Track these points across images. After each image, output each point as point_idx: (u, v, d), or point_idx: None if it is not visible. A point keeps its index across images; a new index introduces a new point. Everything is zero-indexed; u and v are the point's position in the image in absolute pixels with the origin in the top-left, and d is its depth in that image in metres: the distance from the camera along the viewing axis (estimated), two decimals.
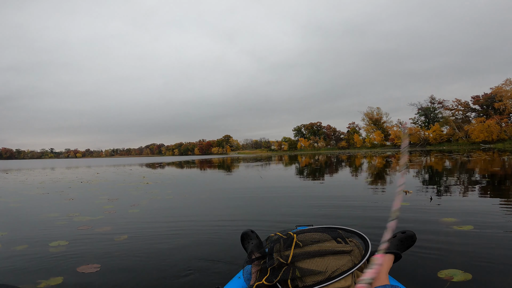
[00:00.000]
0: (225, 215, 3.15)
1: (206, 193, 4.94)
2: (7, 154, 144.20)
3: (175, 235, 2.46)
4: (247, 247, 1.50)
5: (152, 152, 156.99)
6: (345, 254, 1.03)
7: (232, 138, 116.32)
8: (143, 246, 2.19)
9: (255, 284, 1.03)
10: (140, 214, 3.30)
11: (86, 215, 3.34)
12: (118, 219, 3.07)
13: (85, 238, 2.45)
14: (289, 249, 1.05)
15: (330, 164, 13.35)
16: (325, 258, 0.99)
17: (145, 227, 2.75)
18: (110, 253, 2.07)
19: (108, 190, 5.81)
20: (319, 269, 0.97)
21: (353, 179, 6.55)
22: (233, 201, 4.11)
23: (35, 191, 5.84)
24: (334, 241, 1.08)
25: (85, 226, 2.83)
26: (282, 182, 6.42)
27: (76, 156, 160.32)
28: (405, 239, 1.35)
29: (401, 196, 1.08)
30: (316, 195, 4.32)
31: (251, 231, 1.56)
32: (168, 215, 3.25)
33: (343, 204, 3.47)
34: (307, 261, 0.99)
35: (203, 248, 2.08)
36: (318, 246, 1.05)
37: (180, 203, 4.04)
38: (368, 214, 2.92)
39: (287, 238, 1.10)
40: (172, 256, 1.96)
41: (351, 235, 1.17)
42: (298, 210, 3.33)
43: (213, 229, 2.60)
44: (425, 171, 7.70)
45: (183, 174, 10.12)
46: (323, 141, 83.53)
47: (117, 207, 3.77)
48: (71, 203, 4.26)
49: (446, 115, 58.40)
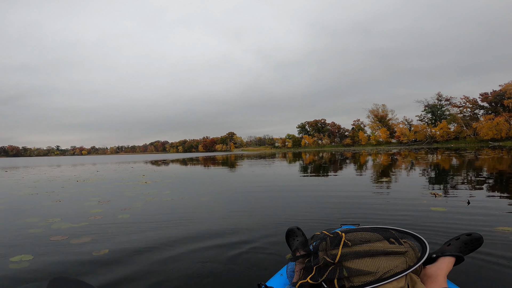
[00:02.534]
0: (228, 223, 2.69)
1: (207, 195, 4.48)
2: (14, 152, 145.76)
3: (165, 248, 2.01)
4: (291, 244, 1.43)
5: (156, 149, 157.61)
6: (399, 255, 0.97)
7: (236, 135, 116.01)
8: (126, 263, 1.76)
9: (299, 282, 1.00)
10: (129, 221, 2.86)
11: (67, 221, 2.92)
12: (102, 227, 2.64)
13: (55, 252, 2.01)
14: (337, 248, 1.00)
15: (344, 161, 12.84)
16: (376, 259, 0.94)
17: (132, 238, 2.31)
18: (82, 272, 1.65)
19: (102, 190, 5.40)
20: (369, 270, 0.92)
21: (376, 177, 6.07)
22: (237, 203, 3.65)
23: (25, 191, 5.45)
24: (387, 242, 1.02)
25: (60, 236, 2.39)
26: (293, 180, 5.96)
27: (81, 154, 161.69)
28: (470, 241, 1.19)
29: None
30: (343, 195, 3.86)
31: (297, 228, 1.48)
32: (161, 222, 2.80)
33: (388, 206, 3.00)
34: (356, 261, 0.95)
35: (195, 268, 1.63)
36: (369, 246, 0.99)
37: (177, 206, 3.60)
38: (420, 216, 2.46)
39: (335, 237, 1.05)
40: (158, 274, 1.52)
41: (405, 236, 1.10)
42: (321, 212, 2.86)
43: (210, 242, 2.15)
44: (441, 170, 7.17)
45: (184, 172, 9.69)
46: (328, 138, 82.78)
47: (106, 212, 3.34)
48: (56, 206, 3.84)
49: (453, 112, 57.36)
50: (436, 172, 6.71)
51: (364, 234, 1.06)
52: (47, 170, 13.77)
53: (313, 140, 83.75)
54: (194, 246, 2.05)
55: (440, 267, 1.06)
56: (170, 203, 3.78)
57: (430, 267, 1.08)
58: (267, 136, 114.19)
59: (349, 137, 76.00)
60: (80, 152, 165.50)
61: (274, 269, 1.53)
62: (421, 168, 7.98)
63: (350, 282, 0.92)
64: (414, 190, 4.19)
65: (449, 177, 5.70)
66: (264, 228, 2.46)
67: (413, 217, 2.60)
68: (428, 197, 3.61)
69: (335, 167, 9.42)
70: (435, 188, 4.23)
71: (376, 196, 3.78)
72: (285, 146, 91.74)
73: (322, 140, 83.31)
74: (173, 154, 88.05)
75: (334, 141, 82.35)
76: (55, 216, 3.15)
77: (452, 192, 3.83)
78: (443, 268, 1.06)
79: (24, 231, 2.57)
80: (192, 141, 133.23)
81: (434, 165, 8.85)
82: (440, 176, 5.87)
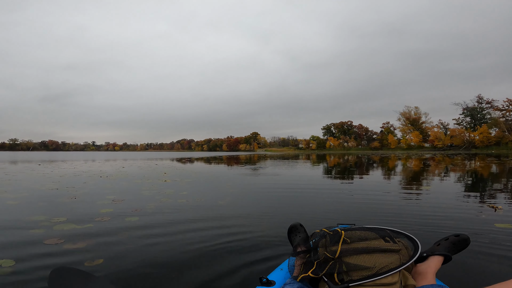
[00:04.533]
0: (244, 232, 2.32)
1: (227, 197, 4.15)
2: (53, 146, 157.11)
3: (167, 262, 1.69)
4: (293, 240, 1.47)
5: (182, 147, 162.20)
6: (393, 253, 1.01)
7: (259, 135, 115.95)
8: (117, 279, 1.46)
9: (300, 276, 1.06)
10: (135, 225, 2.59)
11: (73, 221, 2.71)
12: (104, 232, 2.38)
13: (41, 258, 1.77)
14: (337, 244, 1.04)
15: (378, 166, 12.02)
16: (373, 255, 0.99)
17: (134, 247, 2.01)
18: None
19: (120, 188, 5.29)
20: (367, 265, 0.96)
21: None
22: (257, 207, 3.27)
23: (47, 186, 5.48)
24: (382, 240, 1.07)
25: (56, 238, 2.16)
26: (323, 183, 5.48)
27: (114, 149, 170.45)
28: (458, 242, 1.26)
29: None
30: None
31: (300, 224, 1.51)
32: (170, 227, 2.50)
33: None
34: (354, 257, 0.99)
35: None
36: (366, 244, 1.04)
37: (192, 210, 3.30)
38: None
39: (334, 234, 1.09)
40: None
41: (399, 235, 1.15)
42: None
43: (223, 251, 1.80)
44: (489, 178, 6.29)
45: (205, 172, 9.51)
46: (354, 141, 79.99)
47: (115, 212, 3.11)
48: (69, 203, 3.70)
49: (495, 116, 52.86)
50: (485, 181, 5.87)
51: (362, 233, 1.09)
52: (78, 164, 14.32)
53: (338, 143, 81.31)
54: (199, 273, 1.70)
55: (429, 265, 1.12)
56: (184, 206, 3.48)
57: (421, 265, 1.13)
58: (291, 137, 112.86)
59: (378, 140, 72.75)
60: (113, 148, 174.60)
61: (274, 264, 1.61)
62: (466, 175, 7.10)
63: (349, 276, 0.97)
64: (466, 201, 3.56)
65: (503, 186, 4.91)
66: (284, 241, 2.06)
67: (480, 237, 2.09)
68: (487, 210, 3.02)
69: (373, 172, 8.73)
70: (491, 200, 3.58)
71: (423, 208, 3.21)
72: (309, 147, 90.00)
73: (348, 143, 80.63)
74: (198, 152, 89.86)
75: (361, 144, 79.34)
76: (62, 215, 2.97)
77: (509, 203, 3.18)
78: (433, 266, 1.12)
79: (23, 232, 2.38)
80: (216, 140, 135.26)
81: (479, 172, 7.88)
82: (490, 186, 5.08)
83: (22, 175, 8.13)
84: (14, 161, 19.29)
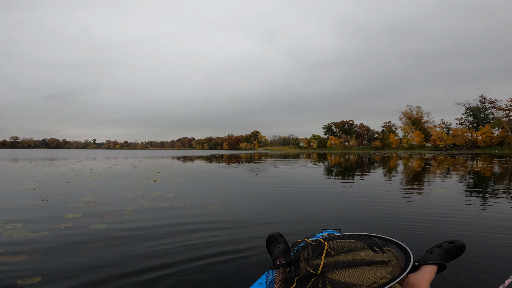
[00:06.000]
0: (226, 253, 1.94)
1: (217, 201, 3.73)
2: (54, 144, 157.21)
3: (122, 286, 1.32)
4: (272, 251, 1.32)
5: (183, 145, 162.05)
6: (382, 265, 0.92)
7: (260, 134, 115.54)
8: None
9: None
10: (98, 235, 2.21)
11: (29, 227, 2.35)
12: (58, 242, 2.01)
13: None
14: (319, 257, 0.95)
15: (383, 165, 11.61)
16: (360, 269, 0.89)
17: (84, 263, 1.64)
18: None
19: (103, 188, 4.92)
20: (353, 282, 0.86)
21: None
22: (249, 214, 2.88)
23: (25, 186, 5.11)
24: (370, 250, 0.98)
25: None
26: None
27: (115, 147, 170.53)
28: (453, 249, 1.13)
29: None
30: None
31: (279, 234, 1.37)
32: (138, 242, 2.11)
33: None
34: (339, 272, 0.89)
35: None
36: (352, 256, 0.95)
37: (173, 217, 2.91)
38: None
39: (317, 245, 1.00)
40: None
41: (388, 244, 1.05)
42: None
43: (194, 271, 1.42)
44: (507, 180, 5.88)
45: (202, 171, 9.13)
46: (355, 140, 79.47)
47: (83, 218, 2.74)
48: (36, 206, 3.33)
49: (498, 115, 52.22)
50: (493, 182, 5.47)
51: (347, 242, 1.00)
52: (72, 162, 13.98)
53: (339, 142, 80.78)
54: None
55: (422, 276, 1.01)
56: (165, 212, 3.10)
57: (413, 276, 1.02)
58: (292, 136, 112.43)
59: (379, 140, 72.18)
60: (114, 146, 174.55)
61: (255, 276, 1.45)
62: (485, 177, 6.70)
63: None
64: (496, 205, 3.17)
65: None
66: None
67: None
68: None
69: (372, 171, 8.33)
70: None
71: (422, 210, 2.82)
72: (310, 146, 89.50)
73: (349, 142, 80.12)
74: (198, 151, 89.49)
75: (362, 143, 78.80)
76: (22, 219, 2.61)
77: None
78: (426, 278, 1.01)
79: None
80: (217, 138, 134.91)
81: (485, 173, 7.47)
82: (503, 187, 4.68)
83: (7, 173, 7.78)
84: (10, 158, 18.98)
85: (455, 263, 1.20)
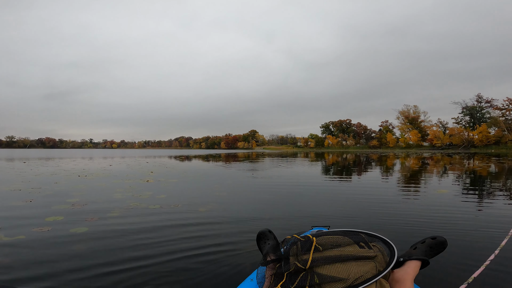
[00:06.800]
0: (215, 260, 1.81)
1: (210, 203, 3.58)
2: (50, 143, 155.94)
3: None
4: (262, 248, 1.33)
5: (180, 144, 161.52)
6: (368, 260, 0.95)
7: (258, 133, 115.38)
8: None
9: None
10: (76, 239, 2.07)
11: (6, 231, 2.25)
12: (32, 247, 1.87)
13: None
14: (308, 253, 0.98)
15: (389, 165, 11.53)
16: (347, 264, 0.92)
17: (59, 269, 1.50)
18: None
19: (92, 189, 4.77)
20: (340, 276, 0.89)
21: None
22: (244, 218, 2.76)
23: (12, 186, 4.95)
24: (357, 246, 1.01)
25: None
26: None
27: (112, 147, 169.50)
28: (435, 245, 1.15)
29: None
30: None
31: (268, 230, 1.38)
32: (115, 254, 1.98)
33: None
34: (327, 266, 0.93)
35: None
36: (339, 251, 0.97)
37: (160, 221, 2.78)
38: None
39: (306, 241, 1.03)
40: None
41: (374, 239, 1.09)
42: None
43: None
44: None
45: (197, 170, 8.99)
46: (353, 139, 79.59)
47: (64, 221, 2.60)
48: (19, 208, 3.19)
49: (495, 115, 52.46)
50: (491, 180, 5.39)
51: (335, 238, 1.03)
52: (66, 162, 13.78)
53: (337, 141, 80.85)
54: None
55: (407, 271, 1.04)
56: (154, 215, 2.96)
57: (398, 271, 1.04)
58: (290, 135, 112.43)
59: (376, 139, 72.32)
60: (110, 145, 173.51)
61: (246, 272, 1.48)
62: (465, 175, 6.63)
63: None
64: (488, 203, 3.08)
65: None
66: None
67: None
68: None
69: (367, 170, 8.24)
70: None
71: (415, 207, 2.72)
72: (307, 146, 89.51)
73: (346, 141, 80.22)
74: (195, 150, 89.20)
75: (359, 142, 78.93)
76: (0, 222, 2.46)
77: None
78: (410, 273, 1.03)
79: None
80: (215, 138, 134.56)
81: (482, 172, 7.40)
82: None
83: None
84: (4, 158, 18.71)
85: (437, 259, 1.23)
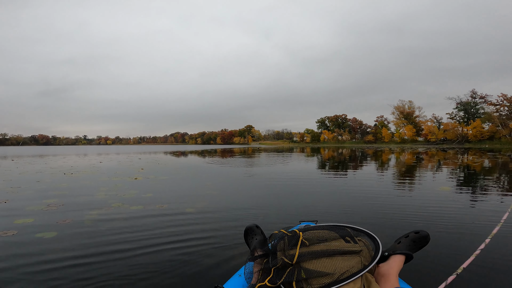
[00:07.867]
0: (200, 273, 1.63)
1: (200, 202, 3.37)
2: (44, 140, 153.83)
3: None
4: (250, 243, 1.34)
5: (176, 140, 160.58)
6: (354, 255, 0.97)
7: (254, 128, 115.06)
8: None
9: (257, 285, 0.97)
10: (43, 245, 1.88)
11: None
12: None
13: None
14: (295, 248, 0.99)
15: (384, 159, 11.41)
16: (333, 259, 0.94)
17: (15, 277, 1.31)
18: None
19: (75, 187, 4.55)
20: (326, 271, 0.91)
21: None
22: (231, 217, 2.57)
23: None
24: (343, 240, 1.02)
25: None
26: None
27: (106, 143, 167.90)
28: (418, 239, 1.17)
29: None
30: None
31: (256, 226, 1.39)
32: (87, 258, 1.79)
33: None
34: (313, 261, 0.94)
35: None
36: (326, 246, 0.99)
37: (143, 224, 2.59)
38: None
39: (292, 236, 1.04)
40: None
41: (360, 234, 1.10)
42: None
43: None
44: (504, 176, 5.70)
45: (190, 167, 8.77)
46: (348, 134, 79.81)
47: (34, 224, 2.40)
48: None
49: (489, 110, 52.86)
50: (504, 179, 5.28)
51: (321, 233, 1.03)
52: (55, 159, 13.46)
53: (332, 136, 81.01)
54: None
55: (391, 265, 1.05)
56: (135, 216, 2.77)
57: (383, 266, 1.05)
58: (286, 130, 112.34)
59: (371, 134, 72.56)
60: (105, 142, 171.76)
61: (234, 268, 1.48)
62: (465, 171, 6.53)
63: (309, 284, 0.90)
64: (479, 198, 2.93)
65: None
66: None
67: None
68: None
69: (361, 165, 8.11)
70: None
71: (408, 201, 2.57)
72: (303, 140, 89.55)
73: (342, 136, 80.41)
74: (191, 145, 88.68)
75: (355, 137, 79.16)
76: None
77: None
78: (395, 267, 1.04)
79: None
80: (210, 133, 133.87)
81: (480, 168, 7.31)
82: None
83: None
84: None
85: (426, 252, 1.23)
